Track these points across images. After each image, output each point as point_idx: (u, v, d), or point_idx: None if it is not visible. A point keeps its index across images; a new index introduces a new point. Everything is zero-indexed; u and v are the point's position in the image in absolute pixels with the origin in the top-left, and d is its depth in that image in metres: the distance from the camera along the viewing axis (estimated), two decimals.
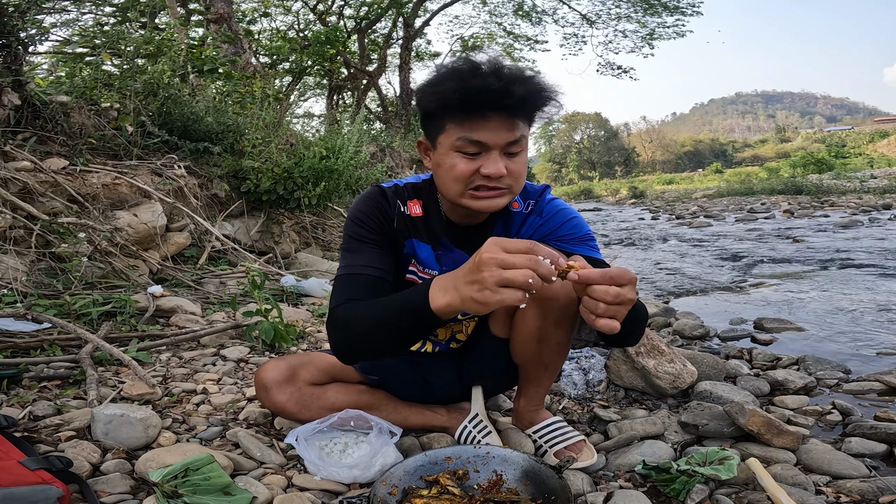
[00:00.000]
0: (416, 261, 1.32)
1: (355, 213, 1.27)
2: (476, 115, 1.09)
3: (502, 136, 1.10)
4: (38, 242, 2.74)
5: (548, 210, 1.31)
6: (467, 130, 1.10)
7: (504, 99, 1.06)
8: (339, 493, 1.21)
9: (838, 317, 2.99)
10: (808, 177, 21.17)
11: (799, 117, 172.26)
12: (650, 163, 67.29)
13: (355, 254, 1.23)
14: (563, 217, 1.30)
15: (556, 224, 1.29)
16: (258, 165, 4.38)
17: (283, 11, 15.30)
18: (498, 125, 1.10)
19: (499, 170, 1.11)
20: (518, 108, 1.09)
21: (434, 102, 1.12)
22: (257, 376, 1.38)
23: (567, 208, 1.33)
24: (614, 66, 17.67)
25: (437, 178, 1.21)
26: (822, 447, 1.40)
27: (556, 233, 1.29)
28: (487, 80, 1.05)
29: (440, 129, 1.14)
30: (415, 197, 1.31)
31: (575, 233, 1.29)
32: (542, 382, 1.43)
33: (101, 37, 4.46)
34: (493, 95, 1.06)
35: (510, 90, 1.06)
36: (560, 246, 1.27)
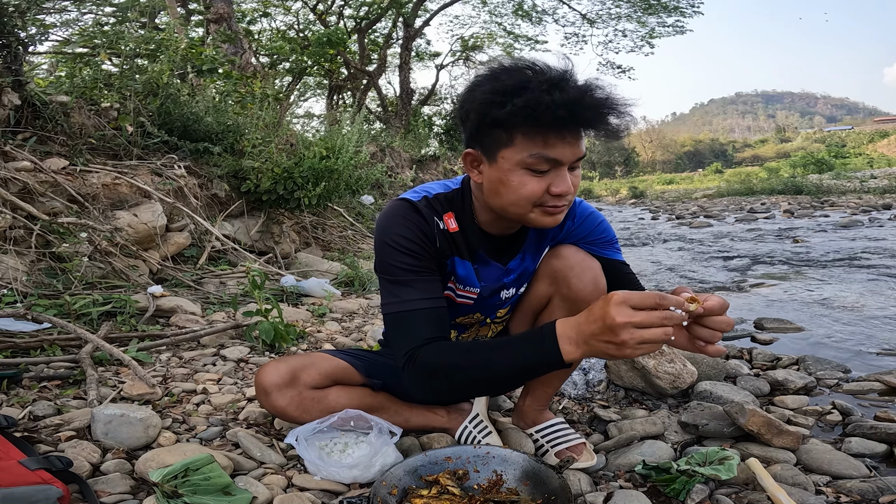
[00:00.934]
0: (454, 278, 1.28)
1: (395, 239, 1.15)
2: (554, 131, 1.02)
3: (575, 152, 1.05)
4: (38, 242, 2.74)
5: (580, 214, 1.30)
6: (542, 147, 1.03)
7: (590, 116, 1.00)
8: (339, 493, 1.21)
9: (838, 317, 2.99)
10: (808, 177, 21.16)
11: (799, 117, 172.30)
12: (650, 163, 67.28)
13: (405, 287, 1.13)
14: (593, 221, 1.31)
15: (588, 228, 1.30)
16: (258, 165, 4.38)
17: (283, 11, 15.30)
18: (573, 141, 1.04)
19: (569, 188, 1.07)
20: (597, 125, 1.03)
21: (508, 114, 1.01)
22: (257, 379, 1.35)
23: (595, 212, 1.33)
24: (614, 66, 17.69)
25: (495, 194, 1.11)
26: (822, 447, 1.40)
27: (588, 237, 1.31)
28: (571, 94, 0.98)
29: (507, 142, 1.05)
30: (449, 209, 1.23)
31: (605, 236, 1.31)
32: (553, 383, 1.43)
33: (100, 37, 4.45)
34: (583, 112, 0.99)
35: (597, 107, 1.00)
36: (590, 249, 1.30)
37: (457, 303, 1.33)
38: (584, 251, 1.28)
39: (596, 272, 1.25)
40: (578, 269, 1.24)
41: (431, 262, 1.18)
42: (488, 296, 1.32)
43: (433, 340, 1.10)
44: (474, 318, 1.39)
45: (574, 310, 1.21)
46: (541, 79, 1.00)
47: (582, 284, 1.23)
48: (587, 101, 0.99)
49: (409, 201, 1.20)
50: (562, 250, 1.28)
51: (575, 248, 1.28)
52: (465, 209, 1.23)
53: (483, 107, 1.04)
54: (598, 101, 1.00)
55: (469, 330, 1.43)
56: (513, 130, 1.03)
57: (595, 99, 1.00)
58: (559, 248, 1.29)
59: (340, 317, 2.92)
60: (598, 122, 1.01)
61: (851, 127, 66.16)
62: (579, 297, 1.23)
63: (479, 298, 1.32)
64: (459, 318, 1.38)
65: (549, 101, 0.97)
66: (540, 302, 1.35)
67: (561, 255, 1.27)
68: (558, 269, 1.26)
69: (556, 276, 1.27)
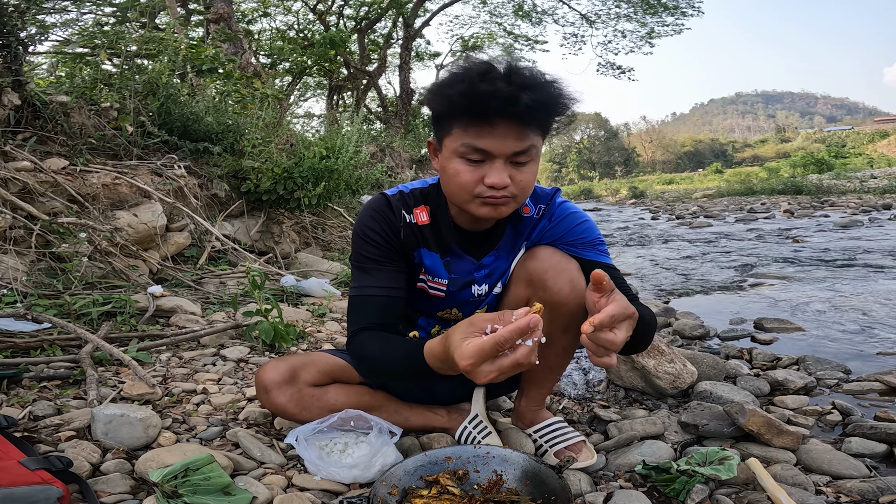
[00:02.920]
0: (424, 269, 1.30)
1: (362, 229, 1.24)
2: (482, 121, 1.05)
3: (508, 145, 1.06)
4: (38, 242, 2.74)
5: (558, 214, 1.28)
6: (472, 136, 1.06)
7: (512, 106, 1.01)
8: (339, 493, 1.21)
9: (838, 317, 2.99)
10: (808, 177, 21.15)
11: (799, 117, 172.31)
12: (650, 163, 67.27)
13: (365, 274, 1.23)
14: (572, 221, 1.28)
15: (565, 228, 1.27)
16: (258, 165, 4.38)
17: (282, 11, 15.30)
18: (505, 133, 1.05)
19: (502, 180, 1.07)
20: (528, 117, 1.03)
21: (441, 105, 1.09)
22: (257, 377, 1.37)
23: (577, 212, 1.30)
24: (614, 67, 17.69)
25: (443, 181, 1.19)
26: (822, 447, 1.40)
27: (565, 237, 1.27)
28: (497, 84, 1.00)
29: (447, 131, 1.11)
30: (422, 203, 1.27)
31: (585, 237, 1.27)
32: (546, 384, 1.43)
33: (100, 37, 4.46)
34: (501, 103, 1.01)
35: (519, 97, 1.00)
36: (570, 250, 1.26)
37: (430, 294, 1.33)
38: (561, 252, 1.25)
39: (572, 274, 1.22)
40: (553, 271, 1.21)
41: (394, 253, 1.25)
42: (457, 290, 1.31)
43: (372, 328, 1.19)
44: (453, 313, 1.37)
45: (553, 313, 1.22)
46: (475, 70, 1.04)
47: (557, 287, 1.20)
48: (511, 92, 1.00)
49: (384, 196, 1.27)
50: (537, 252, 1.26)
51: (551, 250, 1.25)
52: (439, 203, 1.27)
53: (428, 100, 1.13)
54: (522, 91, 1.00)
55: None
56: (451, 120, 1.09)
57: (520, 90, 1.00)
58: (535, 250, 1.26)
59: (340, 317, 2.92)
60: (527, 115, 1.03)
61: (851, 127, 66.13)
62: (556, 299, 1.20)
63: (448, 291, 1.32)
64: (440, 312, 1.37)
65: (470, 91, 1.01)
66: (519, 305, 1.29)
67: (536, 257, 1.25)
68: (533, 272, 1.24)
69: (532, 278, 1.24)
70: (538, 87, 1.03)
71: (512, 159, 1.08)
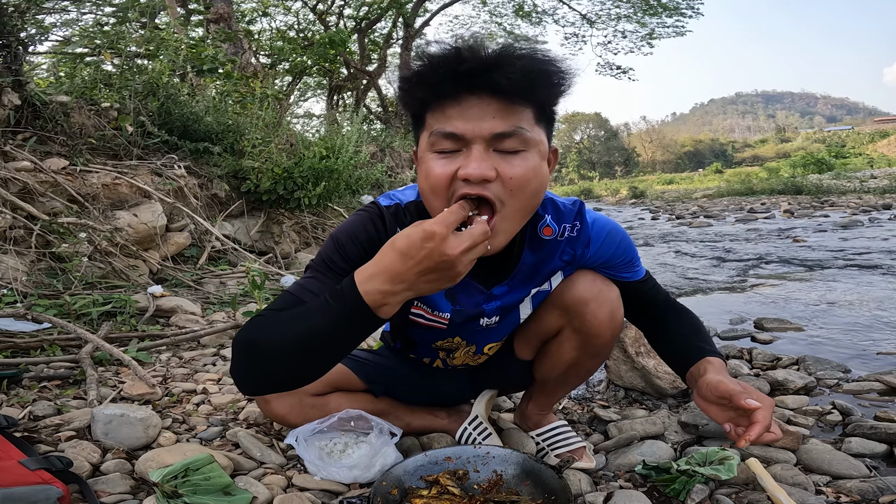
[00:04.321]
0: (418, 301, 1.15)
1: (341, 235, 1.02)
2: (449, 99, 0.87)
3: (486, 125, 0.85)
4: (38, 242, 2.74)
5: (595, 238, 1.12)
6: (441, 120, 0.88)
7: (480, 75, 0.83)
8: (339, 493, 1.21)
9: (839, 317, 2.99)
10: (808, 177, 21.15)
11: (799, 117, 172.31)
12: (650, 163, 67.28)
13: (316, 279, 0.97)
14: (612, 244, 1.14)
15: (606, 254, 1.15)
16: (258, 165, 4.38)
17: (282, 11, 15.30)
18: (480, 110, 0.85)
19: (479, 169, 0.85)
20: (506, 86, 0.84)
21: (404, 93, 0.92)
22: None
23: (613, 229, 1.15)
24: (613, 67, 17.68)
25: (420, 190, 0.98)
26: (822, 447, 1.40)
27: (607, 262, 1.17)
28: (463, 55, 0.84)
29: (421, 126, 0.94)
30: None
31: (625, 258, 1.17)
32: (557, 394, 1.43)
33: (101, 37, 4.46)
34: (466, 67, 0.83)
35: (486, 62, 0.83)
36: (607, 273, 1.19)
37: (426, 325, 1.18)
38: (602, 279, 1.17)
39: (613, 305, 1.16)
40: (594, 304, 1.14)
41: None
42: (462, 321, 1.15)
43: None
44: (455, 342, 1.24)
45: (588, 344, 1.19)
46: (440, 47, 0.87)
47: (597, 321, 1.15)
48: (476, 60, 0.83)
49: (378, 208, 1.06)
50: (577, 281, 1.16)
51: (591, 278, 1.16)
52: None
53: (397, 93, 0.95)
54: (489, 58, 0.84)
55: (456, 353, 1.29)
56: (423, 112, 0.92)
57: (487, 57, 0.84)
58: (574, 279, 1.17)
59: None
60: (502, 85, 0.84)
61: (851, 127, 66.15)
62: (593, 332, 1.16)
63: (452, 323, 1.15)
64: (437, 342, 1.24)
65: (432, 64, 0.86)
66: (549, 332, 1.25)
67: (575, 287, 1.15)
68: (572, 302, 1.16)
69: (570, 308, 1.17)
70: (511, 55, 0.84)
71: (495, 145, 0.87)
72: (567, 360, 1.26)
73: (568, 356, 1.25)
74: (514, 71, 0.83)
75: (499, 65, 0.83)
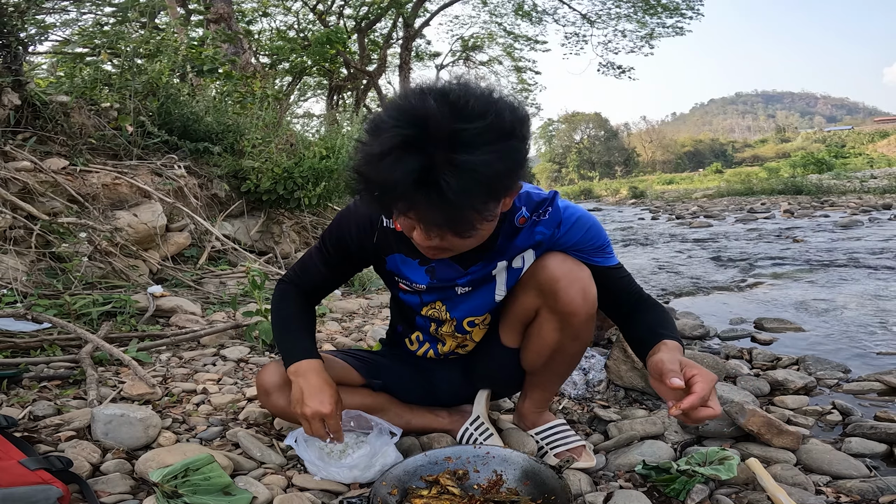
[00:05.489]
0: (398, 277, 1.29)
1: (340, 223, 1.27)
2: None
3: (432, 228, 0.95)
4: (38, 242, 2.74)
5: (566, 221, 1.21)
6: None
7: (416, 206, 0.90)
8: (339, 493, 1.21)
9: (839, 316, 2.99)
10: (808, 177, 21.15)
11: (799, 117, 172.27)
12: (650, 163, 67.24)
13: (319, 253, 1.32)
14: (581, 227, 1.21)
15: (576, 236, 1.22)
16: (258, 165, 4.38)
17: (282, 11, 15.30)
18: (428, 217, 0.93)
19: (425, 242, 1.00)
20: (432, 216, 0.91)
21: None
22: (258, 380, 1.36)
23: (584, 215, 1.23)
24: (614, 66, 17.69)
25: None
26: (822, 447, 1.40)
27: (576, 245, 1.23)
28: (398, 178, 0.86)
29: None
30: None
31: (594, 243, 1.23)
32: (550, 388, 1.43)
33: (100, 37, 4.46)
34: (402, 202, 0.90)
35: (415, 200, 0.88)
36: (579, 257, 1.23)
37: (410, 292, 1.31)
38: (572, 259, 1.22)
39: (584, 283, 1.20)
40: (565, 281, 1.19)
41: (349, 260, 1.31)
42: (439, 287, 1.28)
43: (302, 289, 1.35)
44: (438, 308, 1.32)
45: (564, 322, 1.22)
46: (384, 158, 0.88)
47: (569, 298, 1.19)
48: (411, 198, 0.89)
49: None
50: (548, 261, 1.22)
51: (562, 258, 1.22)
52: None
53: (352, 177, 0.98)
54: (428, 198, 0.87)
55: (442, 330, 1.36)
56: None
57: (427, 196, 0.87)
58: (545, 258, 1.22)
59: (340, 317, 2.92)
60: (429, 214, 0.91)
61: (851, 127, 66.10)
62: (567, 310, 1.20)
63: (430, 287, 1.29)
64: (424, 308, 1.33)
65: (371, 184, 0.91)
66: (527, 314, 1.29)
67: (546, 265, 1.21)
68: (544, 281, 1.21)
69: (543, 287, 1.21)
70: (453, 197, 0.85)
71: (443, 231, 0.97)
72: (549, 343, 1.27)
73: (549, 338, 1.27)
74: (452, 208, 0.87)
75: (441, 197, 0.86)
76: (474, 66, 19.85)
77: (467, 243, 1.04)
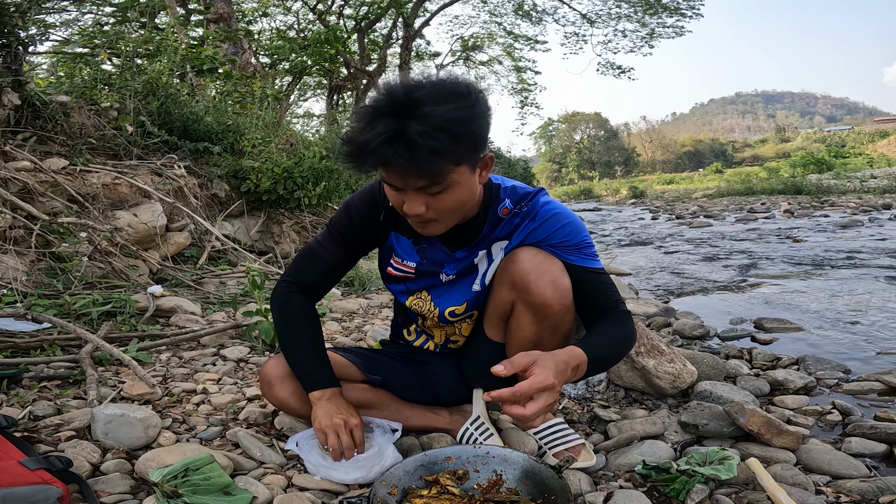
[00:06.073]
0: (394, 254, 1.36)
1: (350, 203, 1.33)
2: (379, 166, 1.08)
3: (410, 182, 1.07)
4: (38, 242, 2.74)
5: (542, 215, 1.25)
6: (381, 173, 1.10)
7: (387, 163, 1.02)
8: (339, 493, 1.21)
9: (838, 317, 2.99)
10: (808, 177, 21.14)
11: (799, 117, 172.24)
12: (650, 163, 67.21)
13: (330, 237, 1.35)
14: (556, 223, 1.25)
15: (549, 230, 1.25)
16: (258, 165, 4.38)
17: (282, 11, 15.29)
18: (403, 172, 1.05)
19: (413, 210, 1.10)
20: (413, 166, 1.01)
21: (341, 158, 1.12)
22: (261, 371, 1.40)
23: (562, 212, 1.26)
24: (614, 66, 17.68)
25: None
26: (822, 447, 1.40)
27: (549, 239, 1.25)
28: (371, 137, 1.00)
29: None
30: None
31: (569, 240, 1.25)
32: None
33: (100, 37, 4.46)
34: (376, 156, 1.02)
35: (389, 153, 1.00)
36: (554, 253, 1.24)
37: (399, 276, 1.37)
38: (543, 253, 1.24)
39: (555, 274, 1.21)
40: (535, 273, 1.20)
41: (361, 238, 1.35)
42: (426, 272, 1.34)
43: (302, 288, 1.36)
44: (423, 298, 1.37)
45: (539, 315, 1.22)
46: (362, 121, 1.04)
47: (540, 290, 1.20)
48: (382, 148, 1.00)
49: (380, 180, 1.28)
50: (518, 254, 1.24)
51: (533, 251, 1.24)
52: None
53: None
54: (392, 147, 0.99)
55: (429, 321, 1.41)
56: None
57: (396, 146, 0.99)
58: (516, 252, 1.25)
59: (340, 317, 2.92)
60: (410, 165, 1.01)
61: (851, 127, 66.08)
62: (539, 301, 1.20)
63: (417, 273, 1.35)
64: (409, 298, 1.38)
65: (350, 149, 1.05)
66: (505, 308, 1.30)
67: (518, 259, 1.23)
68: (516, 274, 1.23)
69: (515, 281, 1.23)
70: (418, 140, 0.99)
71: (424, 191, 1.08)
72: (528, 337, 1.27)
73: (528, 332, 1.27)
74: (419, 154, 0.99)
75: (408, 148, 0.99)
76: (474, 66, 19.86)
77: (451, 204, 1.12)
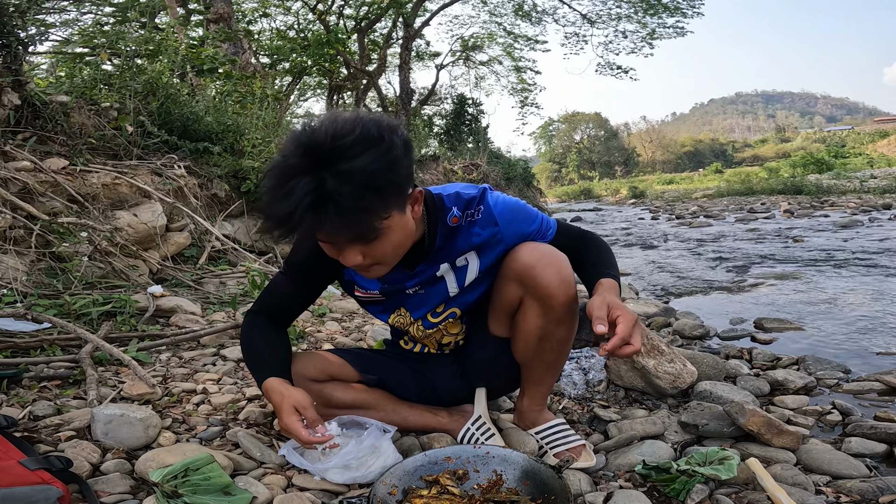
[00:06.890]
0: (356, 285, 1.36)
1: (299, 244, 1.30)
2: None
3: (340, 240, 1.06)
4: (38, 242, 2.74)
5: (500, 216, 1.27)
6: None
7: (318, 228, 0.99)
8: (339, 493, 1.21)
9: (838, 317, 2.99)
10: (808, 177, 21.15)
11: (799, 117, 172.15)
12: (650, 163, 67.19)
13: (286, 275, 1.34)
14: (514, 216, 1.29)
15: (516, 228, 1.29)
16: (258, 165, 4.38)
17: (282, 11, 15.29)
18: (333, 234, 1.02)
19: (350, 262, 1.09)
20: (336, 231, 1.00)
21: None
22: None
23: (508, 202, 1.29)
24: (614, 67, 17.68)
25: None
26: (822, 447, 1.40)
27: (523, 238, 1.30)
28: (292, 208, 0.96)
29: None
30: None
31: (532, 227, 1.31)
32: (545, 381, 1.43)
33: (100, 37, 4.47)
34: (304, 228, 0.99)
35: (314, 224, 0.97)
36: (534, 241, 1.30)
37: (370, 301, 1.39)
38: (544, 245, 1.28)
39: (559, 266, 1.24)
40: (539, 266, 1.23)
41: (310, 273, 1.32)
42: (392, 293, 1.35)
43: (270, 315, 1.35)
44: (403, 314, 1.39)
45: (546, 307, 1.26)
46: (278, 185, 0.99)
47: (546, 281, 1.23)
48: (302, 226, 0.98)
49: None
50: (520, 251, 1.27)
51: (533, 245, 1.27)
52: None
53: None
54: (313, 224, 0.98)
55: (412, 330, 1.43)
56: None
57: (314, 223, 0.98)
58: (518, 250, 1.28)
59: (340, 317, 2.92)
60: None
61: (851, 127, 66.05)
62: (545, 293, 1.24)
63: (386, 295, 1.36)
64: (391, 316, 1.41)
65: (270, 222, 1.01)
66: (512, 304, 1.33)
67: (520, 254, 1.27)
68: (521, 269, 1.26)
69: (521, 276, 1.26)
70: (342, 202, 0.96)
71: (356, 242, 1.07)
72: (533, 329, 1.30)
73: (533, 324, 1.30)
74: (348, 217, 0.97)
75: (336, 213, 0.96)
76: (474, 66, 19.86)
77: (388, 249, 1.10)
